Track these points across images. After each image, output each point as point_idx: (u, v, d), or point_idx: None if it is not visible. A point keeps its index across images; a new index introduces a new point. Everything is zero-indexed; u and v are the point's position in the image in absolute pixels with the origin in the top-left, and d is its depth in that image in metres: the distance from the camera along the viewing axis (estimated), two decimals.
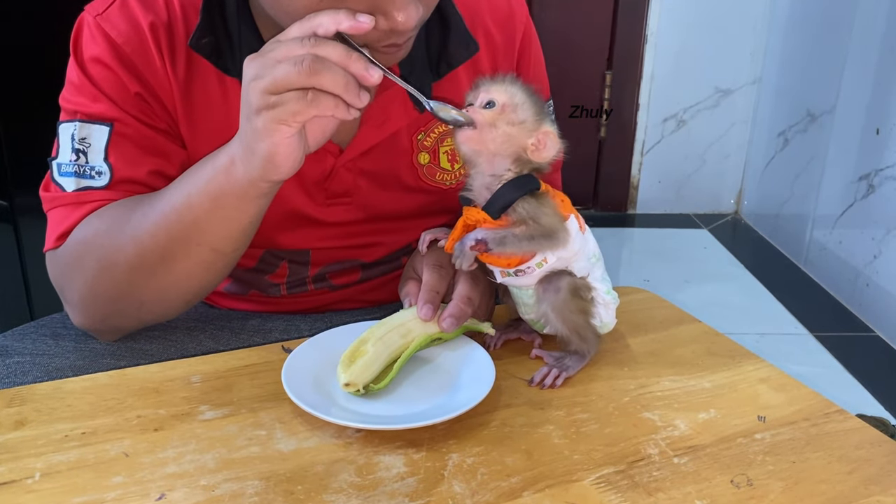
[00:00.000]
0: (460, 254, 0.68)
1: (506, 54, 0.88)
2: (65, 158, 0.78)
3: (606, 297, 0.73)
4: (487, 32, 0.86)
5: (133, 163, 0.78)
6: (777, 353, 2.02)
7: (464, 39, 0.83)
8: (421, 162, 0.87)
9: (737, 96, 2.90)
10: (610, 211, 3.02)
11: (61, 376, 0.76)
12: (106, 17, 0.77)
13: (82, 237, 0.77)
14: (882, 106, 2.15)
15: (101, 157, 0.77)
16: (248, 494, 0.57)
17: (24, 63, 1.61)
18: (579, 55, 2.82)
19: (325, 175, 0.84)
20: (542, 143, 0.67)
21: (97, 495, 0.57)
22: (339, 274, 0.94)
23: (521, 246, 0.67)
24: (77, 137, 0.77)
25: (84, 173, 0.77)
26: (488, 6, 0.87)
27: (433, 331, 0.71)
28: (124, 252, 0.74)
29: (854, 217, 2.28)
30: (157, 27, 0.77)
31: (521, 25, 0.89)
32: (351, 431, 0.64)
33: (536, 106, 0.68)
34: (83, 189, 0.77)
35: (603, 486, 0.58)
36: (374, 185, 0.87)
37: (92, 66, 0.77)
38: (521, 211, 0.66)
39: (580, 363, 0.73)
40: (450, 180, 0.90)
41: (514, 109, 0.66)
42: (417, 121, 0.85)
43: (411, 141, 0.86)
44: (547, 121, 0.68)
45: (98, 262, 0.76)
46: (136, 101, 0.78)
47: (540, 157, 0.67)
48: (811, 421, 0.67)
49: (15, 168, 1.68)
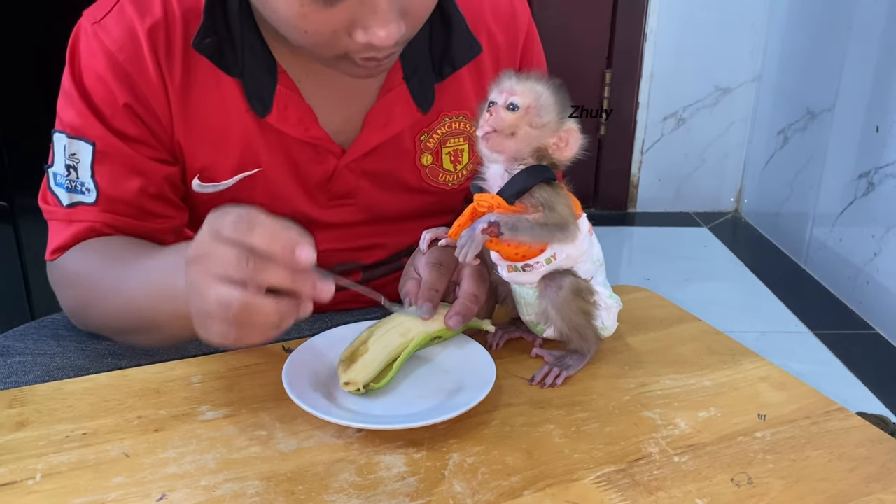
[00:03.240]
0: (469, 240, 0.65)
1: (509, 55, 0.88)
2: (59, 169, 0.79)
3: (609, 301, 0.73)
4: (490, 33, 0.86)
5: (118, 182, 0.79)
6: (777, 351, 2.02)
7: (466, 41, 0.83)
8: (424, 163, 0.87)
9: (736, 94, 2.90)
10: (610, 209, 3.02)
11: (62, 376, 0.76)
12: (103, 25, 0.77)
13: (68, 270, 0.80)
14: (881, 103, 2.15)
15: (89, 174, 0.79)
16: (248, 494, 0.57)
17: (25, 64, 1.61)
18: (579, 54, 2.82)
19: (328, 176, 0.84)
20: (565, 141, 0.66)
21: (98, 496, 0.57)
22: (340, 275, 0.94)
23: (534, 233, 0.66)
24: (67, 152, 0.79)
25: (75, 188, 0.79)
26: (491, 7, 0.87)
27: (432, 329, 0.71)
28: (96, 312, 0.79)
29: (854, 215, 2.28)
30: (154, 32, 0.77)
31: (524, 26, 0.89)
32: (351, 431, 0.64)
33: (561, 104, 0.67)
34: (75, 204, 0.79)
35: (603, 484, 0.58)
36: (376, 186, 0.87)
37: (85, 76, 0.78)
38: (538, 197, 0.65)
39: (581, 362, 0.73)
40: (452, 181, 0.90)
41: (538, 112, 0.65)
42: (420, 122, 0.85)
43: (414, 142, 0.86)
44: (571, 120, 0.67)
45: (76, 302, 0.81)
46: (124, 114, 0.78)
47: (562, 155, 0.67)
48: (811, 419, 0.67)
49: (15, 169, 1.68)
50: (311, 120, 0.81)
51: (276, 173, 0.83)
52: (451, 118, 0.86)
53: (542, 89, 0.66)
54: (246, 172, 0.82)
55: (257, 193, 0.83)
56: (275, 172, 0.83)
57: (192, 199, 0.85)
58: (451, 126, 0.87)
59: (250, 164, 0.82)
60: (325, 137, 0.82)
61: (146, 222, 0.81)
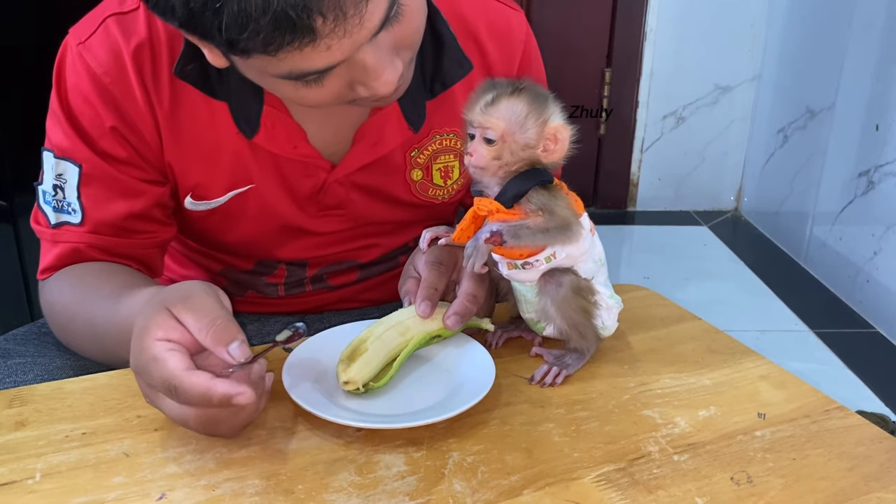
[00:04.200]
0: (474, 251, 0.66)
1: (503, 71, 0.87)
2: (47, 188, 0.80)
3: (610, 301, 0.73)
4: (483, 50, 0.85)
5: (103, 205, 0.79)
6: (777, 350, 2.02)
7: (457, 59, 0.82)
8: (414, 178, 0.87)
9: (736, 93, 2.90)
10: (610, 208, 3.02)
11: (62, 376, 0.76)
12: (87, 46, 0.76)
13: (47, 300, 0.82)
14: (881, 102, 2.15)
15: (75, 195, 0.79)
16: (248, 494, 0.57)
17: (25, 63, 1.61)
18: (578, 53, 2.82)
19: (317, 189, 0.84)
20: (554, 142, 0.65)
21: (98, 495, 0.57)
22: (337, 274, 0.94)
23: (536, 238, 0.66)
24: (55, 172, 0.79)
25: (62, 208, 0.80)
26: (485, 22, 0.85)
27: (432, 329, 0.71)
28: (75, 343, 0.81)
29: (854, 213, 2.28)
30: (139, 54, 0.76)
31: (520, 44, 0.87)
32: (351, 430, 0.64)
33: (538, 109, 0.65)
34: (61, 224, 0.80)
35: (603, 483, 0.58)
36: (366, 198, 0.87)
37: (71, 98, 0.77)
38: (535, 201, 0.65)
39: (580, 361, 0.73)
40: (442, 195, 0.89)
41: (516, 133, 0.64)
42: (411, 139, 0.84)
43: (405, 158, 0.86)
44: (553, 116, 0.66)
45: (57, 327, 0.82)
46: (111, 137, 0.78)
47: (553, 157, 0.66)
48: (811, 418, 0.67)
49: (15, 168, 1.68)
50: (299, 138, 0.80)
51: (267, 189, 0.83)
52: (442, 135, 0.86)
53: (513, 107, 0.64)
54: (238, 189, 0.82)
55: (249, 207, 0.83)
56: (266, 188, 0.83)
57: (183, 214, 0.85)
58: (442, 143, 0.86)
59: (242, 181, 0.82)
60: (315, 154, 0.81)
61: (131, 239, 0.81)
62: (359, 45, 0.60)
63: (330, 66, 0.61)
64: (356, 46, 0.60)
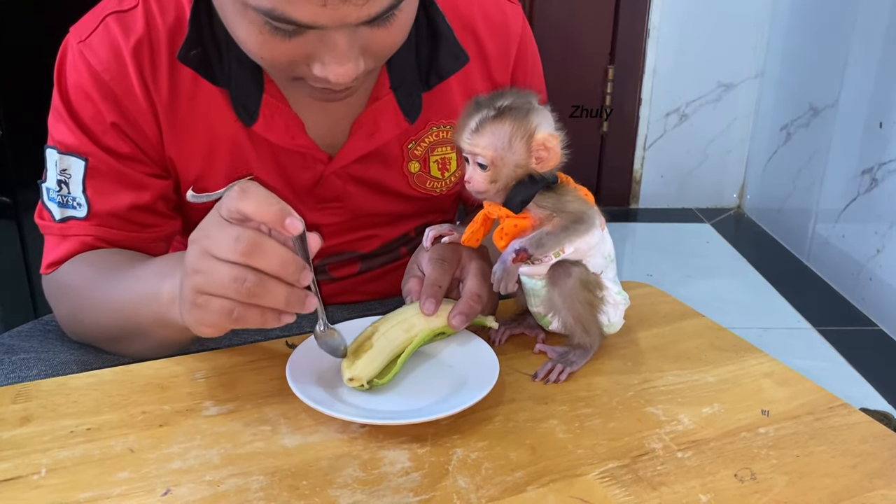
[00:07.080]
0: (503, 273, 0.67)
1: (499, 64, 0.87)
2: (51, 184, 0.80)
3: (617, 298, 0.73)
4: (480, 42, 0.85)
5: (109, 197, 0.80)
6: (780, 347, 2.02)
7: (453, 51, 0.82)
8: (411, 170, 0.87)
9: (739, 90, 2.90)
10: (612, 206, 3.02)
11: (66, 371, 0.76)
12: (88, 44, 0.77)
13: (62, 282, 0.81)
14: (885, 100, 2.14)
15: (80, 189, 0.80)
16: (253, 489, 0.57)
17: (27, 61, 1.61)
18: (581, 50, 2.82)
19: (315, 181, 0.85)
20: (546, 152, 0.65)
21: (103, 491, 0.57)
22: (339, 266, 0.94)
23: (560, 240, 0.67)
24: (59, 168, 0.79)
25: (67, 203, 0.80)
26: (482, 15, 0.86)
27: (436, 326, 0.71)
28: (87, 320, 0.79)
29: (857, 211, 2.28)
30: (138, 49, 0.77)
31: (517, 36, 0.88)
32: (355, 426, 0.64)
33: (524, 125, 0.64)
34: (67, 219, 0.81)
35: (607, 480, 0.59)
36: (364, 191, 0.87)
37: (72, 95, 0.78)
38: (546, 205, 0.66)
39: (584, 358, 0.73)
40: (440, 187, 0.90)
41: (505, 154, 0.65)
42: (408, 130, 0.85)
43: (402, 150, 0.86)
44: (540, 127, 0.65)
45: (69, 310, 0.82)
46: (113, 132, 0.78)
47: (549, 165, 0.66)
48: (815, 415, 0.67)
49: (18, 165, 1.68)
50: (297, 128, 0.81)
51: (265, 179, 0.83)
52: (439, 127, 0.86)
53: (496, 132, 0.64)
54: (239, 181, 0.82)
55: None
56: (264, 178, 0.83)
57: (185, 208, 0.86)
58: (439, 135, 0.87)
59: (241, 171, 0.82)
60: (312, 146, 0.82)
61: (137, 233, 0.82)
62: (346, 22, 0.61)
63: (310, 25, 0.61)
64: (344, 21, 0.61)
